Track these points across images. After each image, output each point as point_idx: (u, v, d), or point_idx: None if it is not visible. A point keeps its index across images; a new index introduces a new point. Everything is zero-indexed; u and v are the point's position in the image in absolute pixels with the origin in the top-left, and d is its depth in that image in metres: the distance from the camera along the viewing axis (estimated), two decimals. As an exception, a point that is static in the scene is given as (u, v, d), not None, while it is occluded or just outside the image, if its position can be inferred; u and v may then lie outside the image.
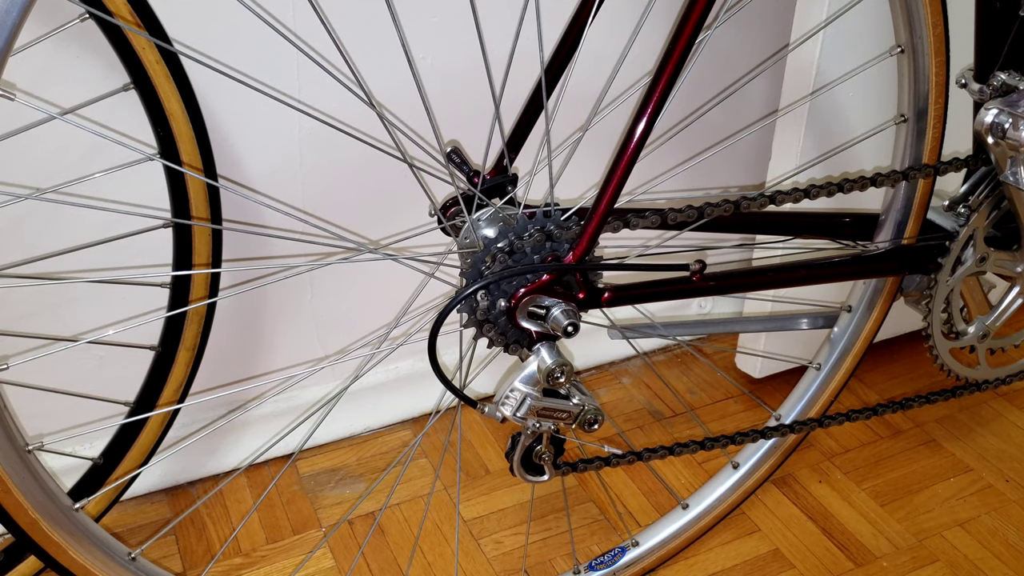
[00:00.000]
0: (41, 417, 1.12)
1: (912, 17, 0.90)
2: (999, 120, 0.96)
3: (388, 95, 1.10)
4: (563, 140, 1.17)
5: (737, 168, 1.44)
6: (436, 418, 1.25)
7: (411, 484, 1.25)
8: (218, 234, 0.97)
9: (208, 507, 1.20)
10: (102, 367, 1.13)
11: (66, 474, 1.09)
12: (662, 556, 1.12)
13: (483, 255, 0.80)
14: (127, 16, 0.82)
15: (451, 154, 0.89)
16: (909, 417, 1.35)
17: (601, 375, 1.45)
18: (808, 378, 1.14)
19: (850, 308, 1.10)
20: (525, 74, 0.87)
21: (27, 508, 0.75)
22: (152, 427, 1.02)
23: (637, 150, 0.78)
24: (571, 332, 0.80)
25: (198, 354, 1.02)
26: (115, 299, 1.09)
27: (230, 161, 1.08)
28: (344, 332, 1.26)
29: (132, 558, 0.84)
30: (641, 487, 1.24)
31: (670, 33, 0.78)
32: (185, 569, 1.12)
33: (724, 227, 0.91)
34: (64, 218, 1.03)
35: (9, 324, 1.05)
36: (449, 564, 1.13)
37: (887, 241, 1.01)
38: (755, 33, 1.32)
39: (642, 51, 1.22)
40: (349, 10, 1.05)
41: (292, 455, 1.27)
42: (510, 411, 0.82)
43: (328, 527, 1.18)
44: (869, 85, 1.18)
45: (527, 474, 0.90)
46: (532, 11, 0.84)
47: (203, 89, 0.96)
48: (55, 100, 0.96)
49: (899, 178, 0.95)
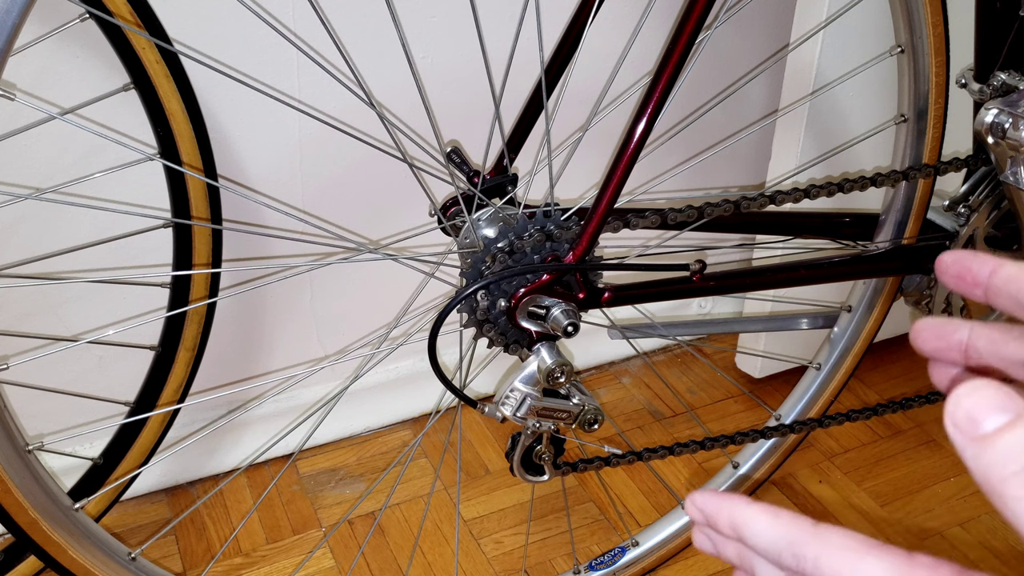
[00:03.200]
0: (41, 417, 1.12)
1: (912, 17, 0.90)
2: (999, 120, 0.96)
3: (388, 95, 1.10)
4: (563, 140, 1.17)
5: (737, 168, 1.44)
6: (436, 418, 1.25)
7: (411, 484, 1.25)
8: (218, 234, 0.97)
9: (208, 507, 1.20)
10: (102, 367, 1.13)
11: (66, 474, 1.09)
12: (662, 556, 1.12)
13: (483, 255, 0.80)
14: (127, 16, 0.82)
15: (451, 154, 0.89)
16: (909, 417, 1.35)
17: (601, 375, 1.45)
18: (808, 378, 1.14)
19: (850, 308, 1.10)
20: (525, 74, 0.87)
21: (27, 508, 0.75)
22: (152, 427, 1.02)
23: (637, 150, 0.78)
24: (571, 332, 0.80)
25: (198, 354, 1.02)
26: (115, 299, 1.09)
27: (230, 161, 1.08)
28: (344, 332, 1.26)
29: (132, 558, 0.84)
30: (641, 487, 1.24)
31: (670, 33, 0.78)
32: (185, 569, 1.12)
33: (724, 227, 0.91)
34: (64, 218, 1.03)
35: (9, 324, 1.05)
36: (449, 564, 1.13)
37: (887, 241, 1.01)
38: (755, 33, 1.32)
39: (642, 51, 1.22)
40: (349, 10, 1.05)
41: (292, 455, 1.27)
42: (510, 411, 0.82)
43: (328, 527, 1.18)
44: (869, 85, 1.18)
45: (527, 474, 0.90)
46: (532, 11, 0.84)
47: (203, 89, 0.96)
48: (55, 100, 0.96)
49: (899, 178, 0.95)
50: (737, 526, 0.32)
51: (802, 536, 0.30)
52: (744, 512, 0.32)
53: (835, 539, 0.29)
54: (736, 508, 0.32)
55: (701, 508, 0.33)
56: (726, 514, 0.32)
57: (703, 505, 0.33)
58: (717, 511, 0.33)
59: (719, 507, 0.33)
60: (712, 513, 0.33)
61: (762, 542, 0.31)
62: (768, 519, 0.31)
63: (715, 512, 0.33)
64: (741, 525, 0.32)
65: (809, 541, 0.30)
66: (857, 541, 0.29)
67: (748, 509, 0.32)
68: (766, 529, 0.31)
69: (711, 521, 0.33)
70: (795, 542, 0.30)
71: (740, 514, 0.32)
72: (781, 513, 0.31)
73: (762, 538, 0.31)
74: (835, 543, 0.29)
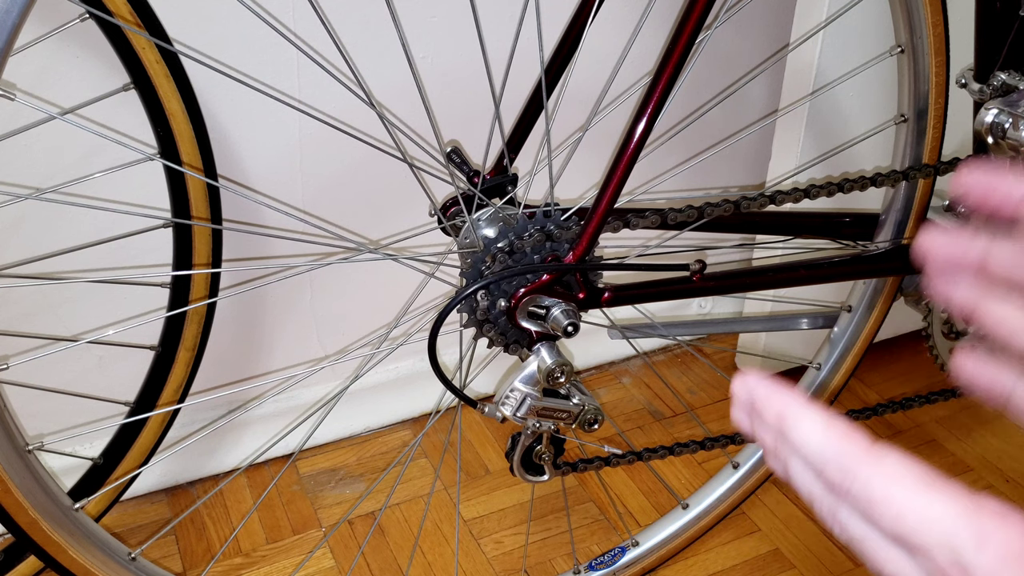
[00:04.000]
0: (41, 417, 1.12)
1: (912, 17, 0.90)
2: (999, 120, 0.96)
3: (388, 95, 1.10)
4: (563, 140, 1.17)
5: (737, 168, 1.44)
6: (436, 418, 1.24)
7: (411, 484, 1.25)
8: (218, 234, 0.97)
9: (208, 507, 1.20)
10: (102, 367, 1.13)
11: (66, 474, 1.09)
12: (662, 556, 1.12)
13: (483, 255, 0.80)
14: (127, 16, 0.82)
15: (451, 154, 0.89)
16: (909, 417, 1.35)
17: (601, 375, 1.45)
18: (808, 378, 1.14)
19: (850, 308, 1.10)
20: (525, 74, 0.87)
21: (27, 508, 0.75)
22: (152, 427, 1.02)
23: (637, 150, 0.78)
24: (571, 332, 0.80)
25: (198, 354, 1.02)
26: (115, 299, 1.09)
27: (230, 161, 1.08)
28: (344, 332, 1.26)
29: (132, 558, 0.84)
30: (641, 487, 1.24)
31: (670, 33, 0.78)
32: (185, 569, 1.12)
33: (724, 227, 0.91)
34: (64, 218, 1.02)
35: (9, 324, 1.05)
36: (449, 564, 1.13)
37: (887, 241, 1.01)
38: (755, 33, 1.32)
39: (642, 51, 1.22)
40: (349, 10, 1.05)
41: (292, 455, 1.27)
42: (510, 411, 0.82)
43: (328, 527, 1.18)
44: (869, 85, 1.18)
45: (527, 474, 0.90)
46: (532, 11, 0.84)
47: (203, 89, 0.96)
48: (55, 100, 0.96)
49: (899, 178, 0.95)
50: (785, 423, 0.29)
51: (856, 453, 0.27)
52: (796, 411, 0.29)
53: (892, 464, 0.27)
54: (788, 404, 0.29)
55: (751, 392, 0.31)
56: (776, 407, 0.30)
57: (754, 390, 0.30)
58: (767, 400, 0.30)
59: (770, 397, 0.30)
60: (761, 400, 0.30)
61: (809, 448, 0.29)
62: (820, 425, 0.29)
63: (764, 400, 0.30)
64: (790, 424, 0.29)
65: (863, 461, 0.27)
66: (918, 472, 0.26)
67: (801, 409, 0.29)
68: (816, 435, 0.28)
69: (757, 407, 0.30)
70: (846, 457, 0.28)
71: (791, 412, 0.29)
72: (836, 421, 0.29)
73: (810, 444, 0.29)
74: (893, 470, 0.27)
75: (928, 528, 0.26)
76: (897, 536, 0.26)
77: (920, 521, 0.26)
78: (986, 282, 0.32)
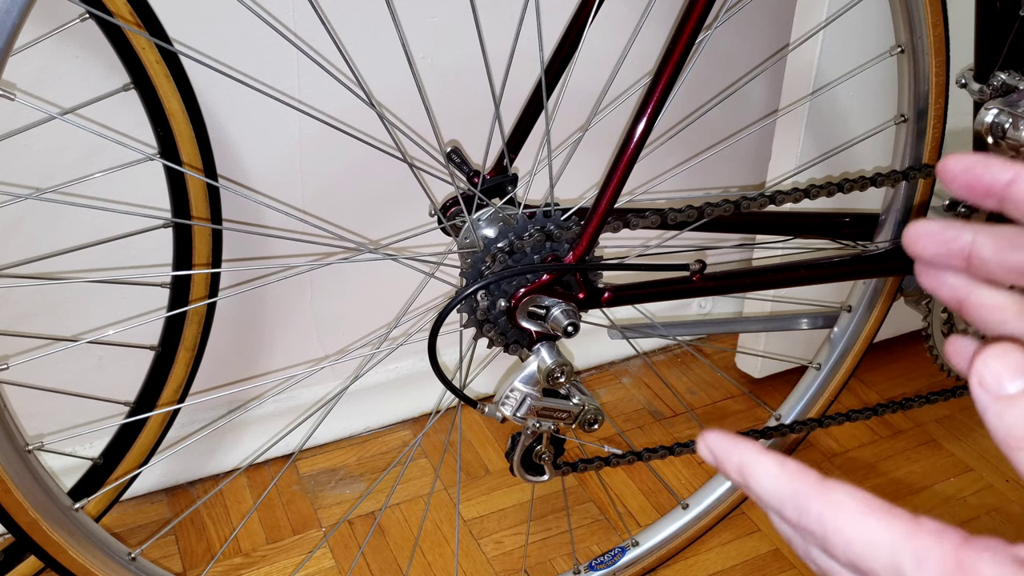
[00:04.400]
0: (41, 417, 1.12)
1: (912, 17, 0.90)
2: (999, 120, 0.95)
3: (388, 95, 1.10)
4: (563, 140, 1.17)
5: (737, 168, 1.44)
6: (436, 418, 1.25)
7: (411, 484, 1.25)
8: (218, 234, 0.97)
9: (208, 507, 1.20)
10: (102, 367, 1.13)
11: (66, 474, 1.09)
12: (662, 556, 1.12)
13: (483, 255, 0.80)
14: (127, 16, 0.82)
15: (451, 154, 0.89)
16: (909, 417, 1.35)
17: (601, 375, 1.45)
18: (808, 378, 1.14)
19: (850, 308, 1.10)
20: (525, 74, 0.87)
21: (27, 508, 0.75)
22: (152, 427, 1.02)
23: (637, 150, 0.78)
24: (571, 332, 0.80)
25: (198, 354, 1.02)
26: (115, 299, 1.09)
27: (230, 161, 1.08)
28: (344, 332, 1.26)
29: (132, 558, 0.84)
30: (641, 487, 1.24)
31: (670, 33, 0.78)
32: (185, 569, 1.12)
33: (724, 227, 0.91)
34: (64, 218, 1.02)
35: (9, 324, 1.05)
36: (449, 564, 1.13)
37: (887, 241, 1.01)
38: (755, 33, 1.32)
39: (642, 51, 1.22)
40: (349, 10, 1.05)
41: (292, 455, 1.27)
42: (510, 411, 0.82)
43: (328, 527, 1.18)
44: (869, 85, 1.18)
45: (527, 474, 0.90)
46: (532, 11, 0.84)
47: (203, 89, 0.96)
48: (55, 100, 0.96)
49: (899, 178, 0.95)
50: (744, 473, 0.31)
51: (807, 490, 0.29)
52: (751, 459, 0.31)
53: (840, 497, 0.28)
54: (745, 454, 0.31)
55: (712, 449, 0.32)
56: (736, 458, 0.31)
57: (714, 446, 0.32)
58: (727, 454, 0.32)
59: (729, 450, 0.32)
60: (722, 456, 0.32)
61: (766, 492, 0.30)
62: (774, 469, 0.30)
63: (725, 455, 0.32)
64: (748, 473, 0.31)
65: (813, 496, 0.29)
66: (862, 500, 0.28)
67: (756, 456, 0.31)
68: (771, 479, 0.30)
69: (720, 464, 0.32)
70: (799, 495, 0.29)
71: (748, 461, 0.31)
72: (788, 464, 0.30)
73: (766, 488, 0.30)
74: (840, 501, 0.28)
75: (873, 553, 0.27)
76: (850, 563, 0.28)
77: (866, 546, 0.27)
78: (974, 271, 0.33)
